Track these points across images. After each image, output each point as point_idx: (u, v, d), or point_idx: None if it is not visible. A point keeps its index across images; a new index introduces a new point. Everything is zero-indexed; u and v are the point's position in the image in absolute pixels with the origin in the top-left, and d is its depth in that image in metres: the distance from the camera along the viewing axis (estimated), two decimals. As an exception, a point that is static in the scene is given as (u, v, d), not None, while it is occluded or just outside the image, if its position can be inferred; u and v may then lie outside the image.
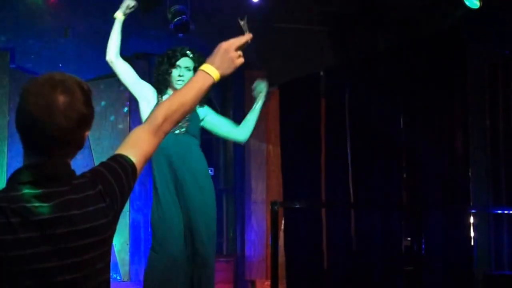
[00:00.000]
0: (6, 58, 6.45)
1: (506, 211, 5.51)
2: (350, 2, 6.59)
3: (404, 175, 5.93)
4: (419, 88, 5.84)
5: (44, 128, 1.67)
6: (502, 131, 5.67)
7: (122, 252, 6.78)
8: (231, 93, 7.45)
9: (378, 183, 6.08)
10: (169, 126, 1.96)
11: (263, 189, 7.37)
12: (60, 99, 1.68)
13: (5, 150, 6.33)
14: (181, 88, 2.08)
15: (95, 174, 1.79)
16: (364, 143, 6.26)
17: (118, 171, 1.82)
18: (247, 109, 4.75)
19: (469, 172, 5.49)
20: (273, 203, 4.81)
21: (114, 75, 4.45)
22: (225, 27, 5.36)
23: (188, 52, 4.37)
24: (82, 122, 1.73)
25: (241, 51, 2.05)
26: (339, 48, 7.00)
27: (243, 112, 4.52)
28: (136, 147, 1.89)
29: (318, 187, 6.74)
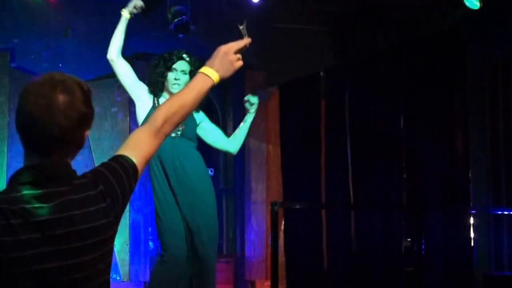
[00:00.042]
0: (6, 58, 6.44)
1: (506, 212, 5.51)
2: (350, 2, 6.59)
3: (404, 175, 5.93)
4: (419, 88, 5.84)
5: (44, 127, 1.68)
6: (502, 131, 5.67)
7: (122, 252, 6.77)
8: (230, 96, 7.45)
9: (378, 183, 6.08)
10: (169, 127, 1.97)
11: (263, 189, 7.36)
12: (60, 98, 1.68)
13: (5, 150, 6.32)
14: (181, 90, 2.09)
15: (96, 174, 1.79)
16: (364, 143, 6.26)
17: (119, 171, 1.82)
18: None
19: (469, 172, 5.50)
20: (273, 204, 4.81)
21: (114, 75, 4.44)
22: (225, 27, 5.37)
23: (185, 56, 4.35)
24: (82, 122, 1.73)
25: (240, 54, 2.08)
26: (339, 48, 7.00)
27: (243, 113, 4.50)
28: (136, 148, 1.90)
29: (318, 187, 6.73)
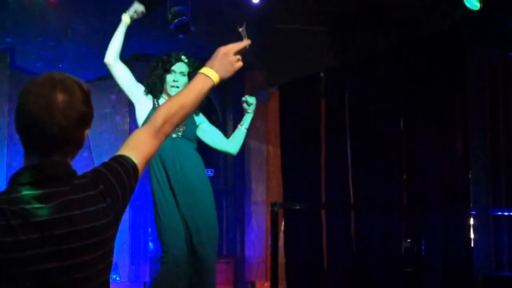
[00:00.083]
0: (6, 58, 6.45)
1: (506, 213, 5.51)
2: (350, 2, 6.58)
3: (404, 175, 5.93)
4: (419, 88, 5.84)
5: (44, 127, 1.68)
6: (502, 131, 5.67)
7: (122, 252, 6.78)
8: (230, 96, 7.44)
9: (378, 183, 6.08)
10: (169, 128, 1.97)
11: (263, 190, 7.36)
12: (59, 98, 1.68)
13: (5, 151, 6.33)
14: (181, 90, 2.09)
15: (96, 174, 1.79)
16: (364, 143, 6.25)
17: (119, 171, 1.82)
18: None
19: (469, 172, 5.49)
20: (273, 204, 4.81)
21: (114, 75, 4.43)
22: (225, 28, 5.37)
23: (183, 57, 4.34)
24: (81, 121, 1.73)
25: (239, 55, 2.09)
26: (339, 48, 7.00)
27: (242, 114, 4.50)
28: (137, 148, 1.90)
29: (318, 188, 6.73)
